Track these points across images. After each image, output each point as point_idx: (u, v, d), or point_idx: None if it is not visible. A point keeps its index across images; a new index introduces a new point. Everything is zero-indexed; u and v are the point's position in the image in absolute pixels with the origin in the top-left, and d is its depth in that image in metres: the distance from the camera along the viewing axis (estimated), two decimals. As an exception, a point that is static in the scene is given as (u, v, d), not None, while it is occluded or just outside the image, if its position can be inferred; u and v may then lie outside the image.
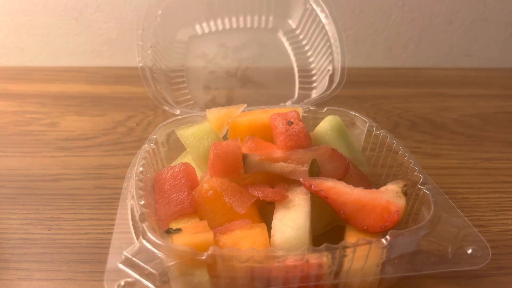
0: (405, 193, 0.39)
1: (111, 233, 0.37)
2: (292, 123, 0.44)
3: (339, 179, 0.41)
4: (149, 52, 0.64)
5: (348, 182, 0.40)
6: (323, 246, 0.33)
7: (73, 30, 0.93)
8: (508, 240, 0.46)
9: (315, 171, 0.41)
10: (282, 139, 0.43)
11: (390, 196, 0.38)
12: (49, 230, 0.47)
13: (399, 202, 0.38)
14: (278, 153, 0.43)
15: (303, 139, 0.43)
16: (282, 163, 0.42)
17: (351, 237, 0.38)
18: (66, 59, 0.96)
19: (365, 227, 0.38)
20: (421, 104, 0.79)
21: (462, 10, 0.93)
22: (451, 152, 0.64)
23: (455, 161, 0.61)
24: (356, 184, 0.40)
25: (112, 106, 0.77)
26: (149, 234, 0.34)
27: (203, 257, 0.32)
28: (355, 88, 0.84)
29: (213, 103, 0.71)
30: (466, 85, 0.89)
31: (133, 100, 0.79)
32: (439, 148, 0.65)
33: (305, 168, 0.41)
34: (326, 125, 0.49)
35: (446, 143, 0.66)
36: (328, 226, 0.45)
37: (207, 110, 0.51)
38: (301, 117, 0.47)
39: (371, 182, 0.47)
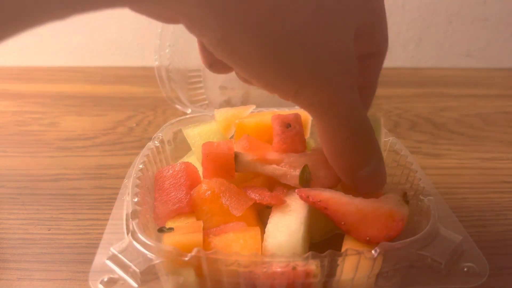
0: (406, 201, 0.38)
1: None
2: (289, 125, 0.43)
3: (332, 186, 0.39)
4: (166, 51, 0.64)
5: (344, 187, 0.39)
6: (309, 254, 0.32)
7: (73, 30, 0.93)
8: (508, 240, 0.46)
9: (305, 177, 0.39)
10: (277, 141, 0.42)
11: (393, 204, 0.37)
12: (49, 230, 0.47)
13: (403, 210, 0.36)
14: (272, 155, 0.41)
15: (298, 143, 0.42)
16: (275, 166, 0.41)
17: (348, 247, 0.35)
18: (66, 59, 0.96)
19: (368, 238, 0.35)
20: (421, 104, 0.79)
21: (462, 10, 0.93)
22: (451, 152, 0.64)
23: (455, 161, 0.61)
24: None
25: (112, 106, 0.77)
26: (137, 232, 0.34)
27: (187, 258, 0.32)
28: (355, 88, 0.84)
29: (228, 104, 0.71)
30: (466, 85, 0.89)
31: (133, 100, 0.79)
32: (439, 148, 0.65)
33: (297, 173, 0.40)
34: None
35: (446, 143, 0.66)
36: (329, 233, 0.44)
37: (215, 110, 0.50)
38: (301, 120, 0.45)
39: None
